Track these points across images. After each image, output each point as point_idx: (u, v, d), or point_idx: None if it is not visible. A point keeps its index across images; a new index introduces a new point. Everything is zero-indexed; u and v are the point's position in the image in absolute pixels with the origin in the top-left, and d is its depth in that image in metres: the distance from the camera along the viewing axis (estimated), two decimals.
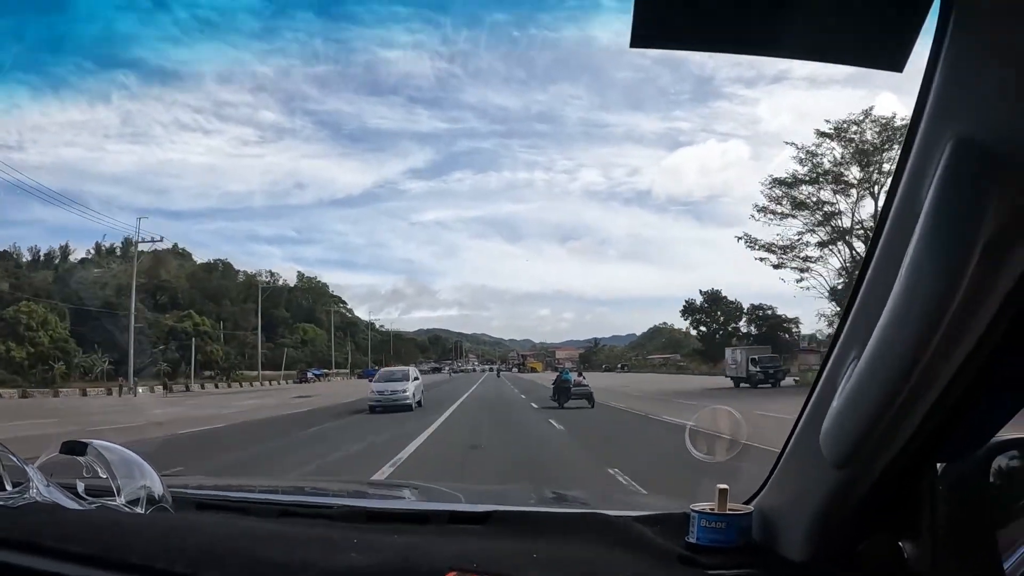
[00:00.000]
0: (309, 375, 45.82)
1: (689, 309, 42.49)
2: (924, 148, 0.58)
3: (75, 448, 0.86)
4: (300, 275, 65.34)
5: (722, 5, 0.64)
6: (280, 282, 64.75)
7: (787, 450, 0.79)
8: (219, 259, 54.44)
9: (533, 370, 78.92)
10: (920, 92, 0.60)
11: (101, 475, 0.86)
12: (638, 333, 62.61)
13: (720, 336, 40.31)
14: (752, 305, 38.97)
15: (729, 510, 0.78)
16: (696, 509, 0.79)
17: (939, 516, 0.69)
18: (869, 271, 0.67)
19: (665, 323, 58.70)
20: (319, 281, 66.93)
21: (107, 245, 45.55)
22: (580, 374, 18.26)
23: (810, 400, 0.75)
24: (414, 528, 0.89)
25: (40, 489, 0.84)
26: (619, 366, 61.12)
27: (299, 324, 58.95)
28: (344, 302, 67.16)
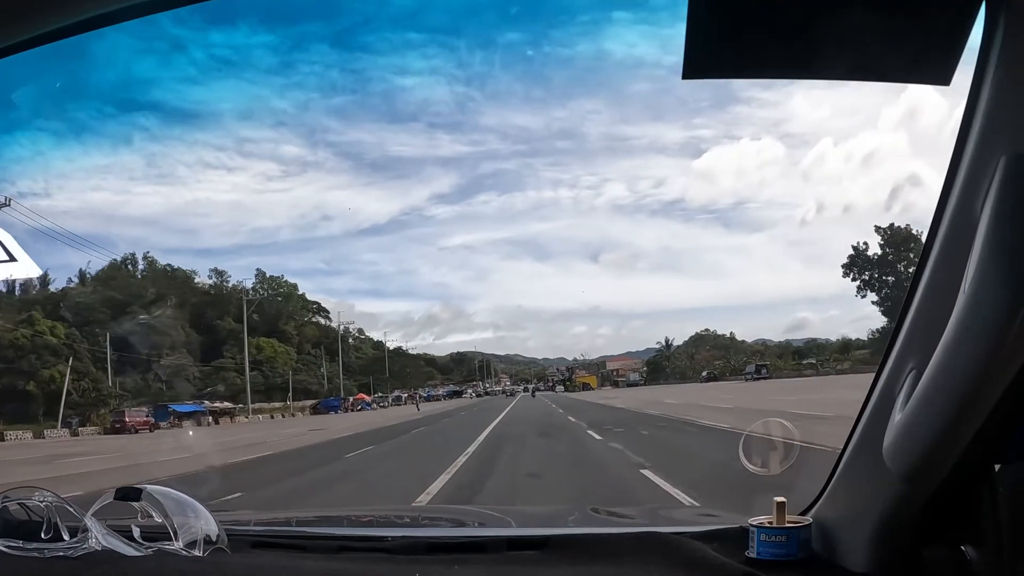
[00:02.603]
0: (128, 418, 34.72)
1: (860, 262, 39.09)
2: (976, 161, 0.77)
3: (129, 494, 1.21)
4: (260, 274, 67.34)
5: (768, 34, 0.88)
6: (231, 284, 66.26)
7: (844, 460, 1.06)
8: (134, 253, 56.58)
9: (586, 386, 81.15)
10: (967, 104, 0.79)
11: (156, 519, 1.20)
12: (676, 343, 79.77)
13: None
14: None
15: (788, 522, 1.06)
16: (754, 523, 1.07)
17: (1001, 519, 0.90)
18: (921, 285, 0.91)
19: (708, 329, 74.23)
20: (287, 282, 69.29)
21: (91, 273, 52.68)
22: None
23: (865, 410, 1.01)
24: (473, 557, 1.21)
25: (99, 538, 1.20)
26: (750, 371, 61.35)
27: (252, 339, 59.86)
28: (325, 311, 71.37)
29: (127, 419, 34.33)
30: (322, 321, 71.82)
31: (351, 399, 61.17)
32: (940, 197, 0.86)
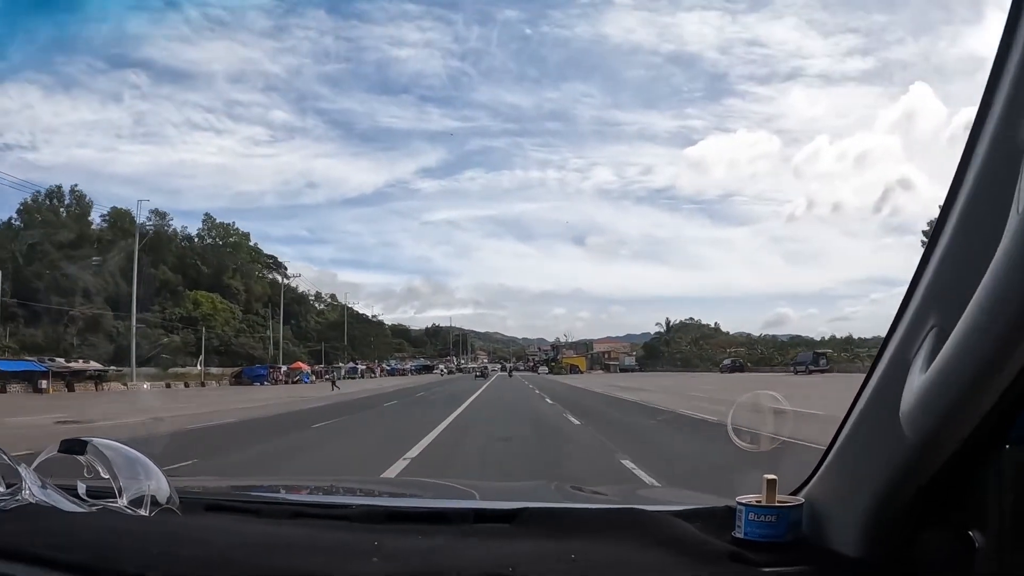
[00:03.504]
0: None
1: None
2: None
3: (74, 447, 1.27)
4: (207, 219, 66.65)
5: None
6: (171, 228, 64.75)
7: (841, 437, 1.15)
8: (60, 186, 55.18)
9: (575, 369, 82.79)
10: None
11: (103, 475, 1.27)
12: (652, 332, 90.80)
13: None
14: None
15: (778, 502, 1.15)
16: (743, 502, 1.17)
17: (1005, 503, 0.96)
18: (948, 227, 0.90)
19: (692, 318, 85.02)
20: (237, 230, 68.74)
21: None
22: None
23: (872, 377, 1.07)
24: (436, 528, 1.30)
25: (34, 490, 1.26)
26: (803, 361, 56.36)
27: (190, 292, 59.35)
28: (284, 266, 71.66)
29: None
30: (281, 279, 71.95)
31: (284, 368, 58.85)
32: (979, 109, 0.84)
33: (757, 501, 1.17)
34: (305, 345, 70.83)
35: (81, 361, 41.58)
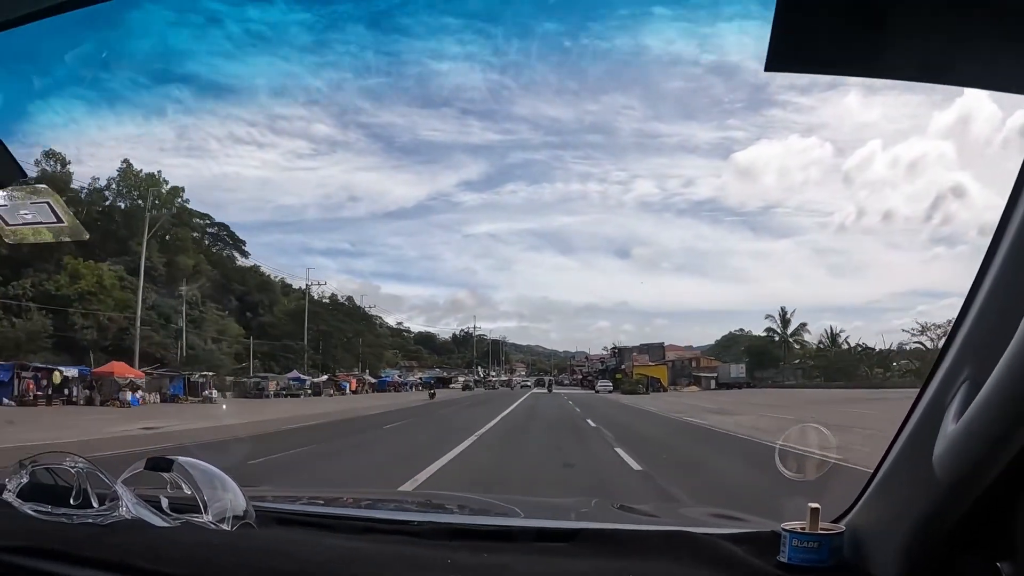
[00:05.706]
0: None
1: None
2: None
3: (160, 464, 1.85)
4: (125, 165, 67.45)
5: (866, 29, 1.16)
6: (63, 169, 63.72)
7: (884, 468, 1.63)
8: None
9: (654, 383, 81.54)
10: None
11: (185, 490, 1.83)
12: (695, 344, 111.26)
13: None
14: None
15: (821, 529, 1.68)
16: (787, 528, 1.69)
17: None
18: (983, 290, 1.29)
19: (741, 329, 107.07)
20: (164, 181, 69.81)
21: None
22: None
23: (911, 419, 1.52)
24: (501, 546, 1.84)
25: (129, 506, 1.81)
26: None
27: (69, 259, 54.71)
28: (238, 240, 76.57)
29: None
30: (246, 263, 77.81)
31: (72, 374, 46.94)
32: (1016, 182, 1.16)
33: (801, 528, 1.66)
34: (228, 343, 67.64)
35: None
